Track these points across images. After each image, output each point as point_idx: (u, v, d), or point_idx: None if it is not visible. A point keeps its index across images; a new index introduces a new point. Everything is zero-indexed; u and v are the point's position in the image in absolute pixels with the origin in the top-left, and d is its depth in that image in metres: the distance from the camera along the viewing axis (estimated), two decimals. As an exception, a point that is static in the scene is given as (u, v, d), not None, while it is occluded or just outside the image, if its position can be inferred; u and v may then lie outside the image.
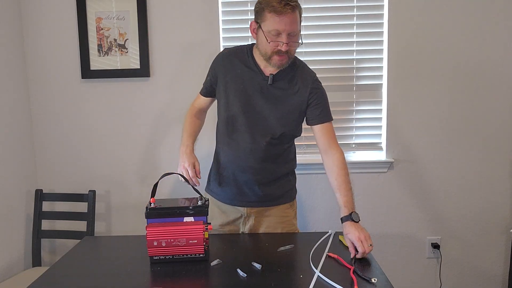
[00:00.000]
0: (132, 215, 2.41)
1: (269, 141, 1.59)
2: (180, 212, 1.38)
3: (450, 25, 2.23)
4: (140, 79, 2.31)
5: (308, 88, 1.58)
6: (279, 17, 1.42)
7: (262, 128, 1.59)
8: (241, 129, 1.60)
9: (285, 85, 1.58)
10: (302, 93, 1.58)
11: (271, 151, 1.61)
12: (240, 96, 1.58)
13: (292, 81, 1.58)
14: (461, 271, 2.41)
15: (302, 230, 2.35)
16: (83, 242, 1.62)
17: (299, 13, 1.48)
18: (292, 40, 1.46)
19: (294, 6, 1.43)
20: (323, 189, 2.38)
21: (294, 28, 1.45)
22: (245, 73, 1.58)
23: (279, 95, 1.57)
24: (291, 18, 1.43)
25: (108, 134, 2.36)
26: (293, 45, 1.48)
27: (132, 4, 2.24)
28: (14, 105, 2.22)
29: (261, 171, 1.62)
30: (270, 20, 1.44)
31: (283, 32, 1.44)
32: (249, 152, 1.60)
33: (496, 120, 2.29)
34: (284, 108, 1.58)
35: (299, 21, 1.49)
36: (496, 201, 2.35)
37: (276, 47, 1.46)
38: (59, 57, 2.31)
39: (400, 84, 2.29)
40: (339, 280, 1.23)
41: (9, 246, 2.16)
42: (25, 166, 2.30)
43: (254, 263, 1.34)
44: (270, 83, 1.56)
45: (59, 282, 1.28)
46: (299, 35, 1.49)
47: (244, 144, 1.60)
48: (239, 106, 1.58)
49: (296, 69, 1.60)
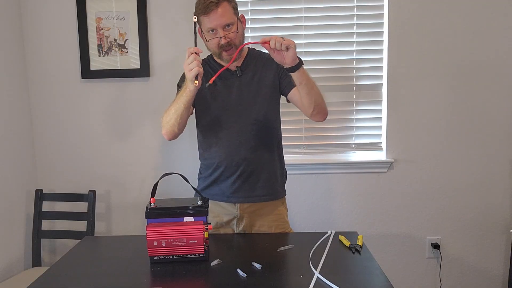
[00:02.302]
0: (132, 215, 2.41)
1: (256, 126, 1.64)
2: (180, 212, 1.38)
3: (450, 25, 2.23)
4: (140, 79, 2.31)
5: (274, 63, 1.62)
6: (207, 16, 1.53)
7: (246, 116, 1.64)
8: (226, 126, 1.65)
9: (253, 71, 1.66)
10: (270, 69, 1.66)
11: (261, 138, 1.66)
12: (218, 98, 1.66)
13: (257, 64, 1.67)
14: (461, 271, 2.41)
15: (302, 230, 2.35)
16: (83, 242, 1.62)
17: (230, 4, 1.54)
18: (229, 31, 1.55)
19: (217, 3, 1.50)
20: (323, 189, 2.38)
21: (225, 20, 1.53)
22: (215, 78, 1.61)
23: (251, 81, 1.65)
24: (218, 13, 1.51)
25: (108, 134, 2.36)
26: (232, 36, 1.55)
27: (132, 4, 2.24)
28: (14, 105, 2.22)
29: (255, 160, 1.65)
30: (203, 22, 1.55)
31: (217, 28, 1.53)
32: (239, 145, 1.64)
33: (496, 120, 2.29)
34: (260, 91, 1.65)
35: (232, 11, 1.55)
36: (496, 201, 2.35)
37: (218, 43, 1.56)
38: (59, 57, 2.31)
39: (400, 84, 2.29)
40: (339, 280, 1.23)
41: (9, 246, 2.16)
42: (25, 166, 2.30)
43: (254, 263, 1.34)
44: (239, 75, 1.65)
45: (59, 282, 1.28)
46: (236, 24, 1.56)
47: (233, 138, 1.64)
48: (219, 106, 1.65)
49: (256, 55, 1.70)
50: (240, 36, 1.59)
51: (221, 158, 1.66)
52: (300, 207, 2.40)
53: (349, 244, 1.49)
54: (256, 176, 1.66)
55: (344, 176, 2.37)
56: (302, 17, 2.29)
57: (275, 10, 2.30)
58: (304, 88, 1.51)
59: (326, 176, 2.37)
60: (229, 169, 1.66)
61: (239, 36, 1.58)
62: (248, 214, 1.69)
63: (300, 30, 2.29)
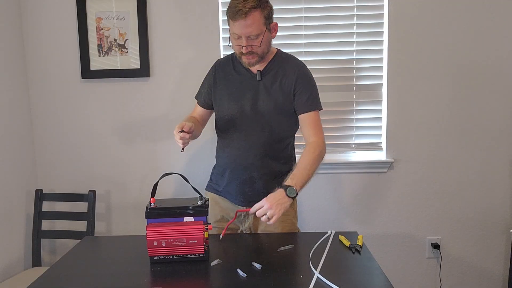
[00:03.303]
0: (132, 215, 2.41)
1: (268, 135, 1.63)
2: (180, 212, 1.38)
3: (450, 25, 2.23)
4: (140, 79, 2.31)
5: (294, 76, 1.61)
6: (234, 22, 1.49)
7: (259, 124, 1.63)
8: (239, 128, 1.65)
9: (273, 78, 1.63)
10: (289, 82, 1.62)
11: (271, 146, 1.65)
12: (234, 99, 1.65)
13: (279, 72, 1.64)
14: (461, 271, 2.41)
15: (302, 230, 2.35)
16: (83, 242, 1.62)
17: (262, 13, 1.50)
18: (253, 42, 1.51)
19: (247, 12, 1.45)
20: (323, 189, 2.38)
21: (250, 32, 1.49)
22: (235, 78, 1.66)
23: (270, 88, 1.62)
24: (245, 22, 1.47)
25: (108, 134, 2.36)
26: (254, 48, 1.53)
27: (132, 4, 2.24)
28: (14, 105, 2.22)
29: (262, 168, 1.65)
30: (230, 24, 1.53)
31: (242, 35, 1.50)
32: (249, 149, 1.63)
33: (496, 120, 2.29)
34: (276, 100, 1.62)
35: (263, 21, 1.51)
36: (496, 201, 2.35)
37: (240, 49, 1.54)
38: (59, 57, 2.31)
39: (400, 84, 2.29)
40: (339, 280, 1.23)
41: (9, 246, 2.16)
42: (25, 166, 2.30)
43: (254, 263, 1.34)
44: (259, 79, 1.62)
45: (59, 282, 1.28)
46: (263, 35, 1.52)
47: (243, 142, 1.64)
48: (235, 107, 1.65)
49: (282, 61, 1.66)
50: (265, 46, 1.56)
51: (230, 160, 1.67)
52: (300, 207, 2.38)
53: (349, 244, 1.49)
54: (263, 183, 1.65)
55: (344, 176, 2.37)
56: (302, 17, 2.29)
57: (275, 10, 2.27)
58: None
59: (326, 176, 2.37)
60: (237, 173, 1.66)
61: (263, 47, 1.55)
62: (254, 215, 1.67)
63: (300, 30, 2.29)
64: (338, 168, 2.36)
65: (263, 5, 1.51)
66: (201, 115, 1.79)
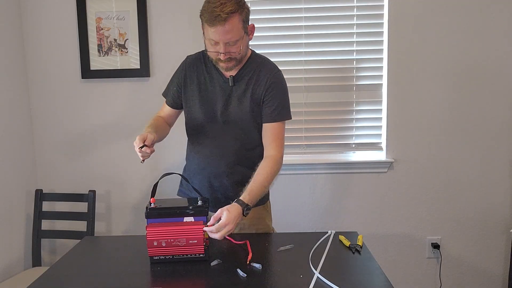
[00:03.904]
0: (132, 215, 2.41)
1: (240, 144, 1.58)
2: (180, 212, 1.38)
3: (450, 25, 2.23)
4: (140, 79, 2.31)
5: (266, 85, 1.54)
6: (211, 28, 1.39)
7: (231, 132, 1.57)
8: (210, 135, 1.59)
9: (246, 85, 1.55)
10: (260, 90, 1.55)
11: (243, 155, 1.59)
12: (206, 103, 1.57)
13: (252, 79, 1.55)
14: (461, 271, 2.41)
15: (302, 230, 2.35)
16: (83, 242, 1.62)
17: (240, 17, 1.40)
18: (231, 49, 1.43)
19: (226, 18, 1.36)
20: (323, 189, 2.38)
21: (229, 38, 1.40)
22: (207, 79, 1.58)
23: (242, 96, 1.55)
24: (224, 28, 1.37)
25: (108, 134, 2.36)
26: (233, 54, 1.45)
27: (132, 4, 2.24)
28: (14, 105, 2.22)
29: (234, 175, 1.59)
30: (206, 30, 1.42)
31: (219, 42, 1.41)
32: (220, 157, 1.58)
33: (496, 120, 2.29)
34: (247, 108, 1.55)
35: (241, 25, 1.42)
36: (496, 201, 2.35)
37: (217, 55, 1.45)
38: (59, 57, 2.31)
39: (400, 84, 2.29)
40: (339, 280, 1.23)
41: (9, 246, 2.16)
42: (25, 166, 2.30)
43: (254, 263, 1.34)
44: (232, 85, 1.54)
45: (59, 282, 1.28)
46: (241, 40, 1.44)
47: (214, 149, 1.59)
48: (206, 112, 1.57)
49: (256, 66, 1.57)
50: (244, 50, 1.49)
51: (200, 167, 1.62)
52: (300, 207, 2.40)
53: (349, 244, 1.49)
54: (233, 189, 1.59)
55: (344, 176, 2.37)
56: (302, 17, 2.29)
57: (275, 10, 2.30)
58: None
59: (326, 176, 2.37)
60: (207, 180, 1.61)
61: (242, 52, 1.48)
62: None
63: (300, 30, 2.29)
64: (338, 168, 2.36)
65: (241, 8, 1.41)
66: (169, 114, 1.70)
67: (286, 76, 1.64)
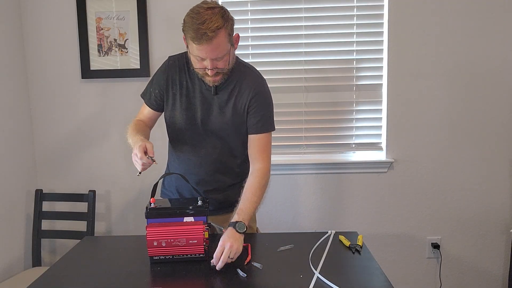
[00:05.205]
0: (132, 215, 2.41)
1: (219, 152, 1.56)
2: (180, 212, 1.38)
3: (450, 25, 2.23)
4: (140, 79, 2.30)
5: (249, 96, 1.50)
6: (197, 46, 1.34)
7: (211, 141, 1.55)
8: (190, 142, 1.57)
9: (228, 96, 1.51)
10: (243, 101, 1.51)
11: (222, 163, 1.58)
12: (187, 110, 1.53)
13: (235, 89, 1.52)
14: (461, 271, 2.41)
15: (302, 230, 2.36)
16: (83, 242, 1.62)
17: (226, 31, 1.36)
18: (218, 64, 1.39)
19: (212, 36, 1.31)
20: (323, 189, 2.38)
21: (217, 54, 1.36)
22: (189, 85, 1.53)
23: (224, 105, 1.52)
24: (210, 47, 1.33)
25: (108, 134, 2.36)
26: (221, 69, 1.41)
27: (132, 4, 2.24)
28: (14, 105, 2.22)
29: (214, 183, 1.59)
30: (191, 46, 1.38)
31: (206, 58, 1.37)
32: (200, 165, 1.57)
33: (496, 120, 2.29)
34: (229, 118, 1.52)
35: (227, 39, 1.37)
36: (496, 201, 2.35)
37: (204, 71, 1.41)
38: (59, 57, 2.31)
39: (400, 84, 2.29)
40: (339, 280, 1.23)
41: (9, 246, 2.16)
42: (25, 166, 2.30)
43: (254, 263, 1.34)
44: (214, 94, 1.51)
45: (59, 282, 1.28)
46: (229, 54, 1.41)
47: (194, 157, 1.58)
48: (186, 119, 1.54)
49: (240, 75, 1.53)
50: (231, 63, 1.46)
51: (181, 172, 1.59)
52: (300, 207, 2.40)
53: (349, 244, 1.49)
54: (216, 196, 1.59)
55: (344, 176, 2.37)
56: (302, 17, 2.29)
57: (275, 10, 2.30)
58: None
59: (326, 176, 2.37)
60: (188, 186, 1.57)
61: (230, 65, 1.45)
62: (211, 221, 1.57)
63: (300, 30, 2.29)
64: (338, 168, 2.36)
65: (226, 22, 1.35)
66: (150, 117, 1.64)
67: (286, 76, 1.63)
